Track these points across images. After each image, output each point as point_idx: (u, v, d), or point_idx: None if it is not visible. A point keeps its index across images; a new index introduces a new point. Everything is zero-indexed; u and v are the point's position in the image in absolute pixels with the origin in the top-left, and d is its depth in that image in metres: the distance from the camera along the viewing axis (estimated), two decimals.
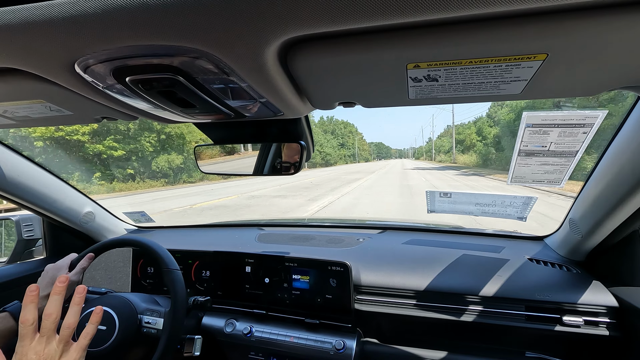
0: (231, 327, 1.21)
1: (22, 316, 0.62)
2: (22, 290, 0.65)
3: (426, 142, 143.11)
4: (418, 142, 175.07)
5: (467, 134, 45.78)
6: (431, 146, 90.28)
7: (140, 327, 0.93)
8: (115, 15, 0.36)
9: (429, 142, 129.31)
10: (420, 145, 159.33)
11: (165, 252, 1.01)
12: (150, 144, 21.80)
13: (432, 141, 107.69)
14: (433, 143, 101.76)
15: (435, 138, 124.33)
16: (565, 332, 0.96)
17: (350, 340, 1.09)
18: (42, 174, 1.26)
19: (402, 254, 1.27)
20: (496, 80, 0.51)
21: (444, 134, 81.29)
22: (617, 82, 0.53)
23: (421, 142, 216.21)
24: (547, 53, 0.43)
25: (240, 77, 0.50)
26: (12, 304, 0.84)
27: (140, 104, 0.63)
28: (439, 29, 0.42)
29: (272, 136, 0.88)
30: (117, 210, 1.74)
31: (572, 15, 0.38)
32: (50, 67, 0.49)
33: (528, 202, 1.10)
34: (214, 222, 1.95)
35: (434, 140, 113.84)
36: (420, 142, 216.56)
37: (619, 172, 0.79)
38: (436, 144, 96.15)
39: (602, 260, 1.06)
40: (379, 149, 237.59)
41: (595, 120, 0.70)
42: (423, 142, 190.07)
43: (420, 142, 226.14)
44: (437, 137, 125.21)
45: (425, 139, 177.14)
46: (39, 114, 0.74)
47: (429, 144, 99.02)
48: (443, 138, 79.30)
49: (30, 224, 1.47)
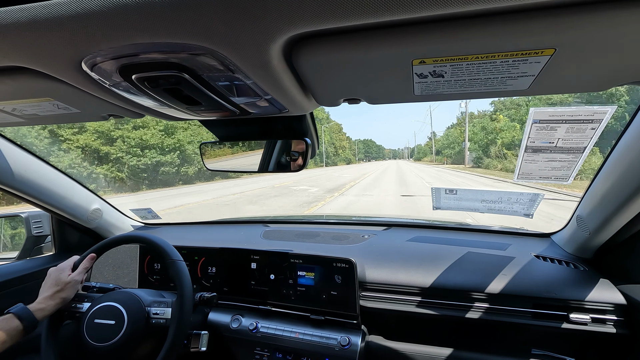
0: (237, 322, 1.22)
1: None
2: (31, 286, 0.66)
3: (427, 139, 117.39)
4: (418, 139, 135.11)
5: (493, 125, 28.17)
6: (442, 142, 59.48)
7: (149, 319, 0.94)
8: (121, 13, 0.36)
9: (430, 138, 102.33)
10: (427, 141, 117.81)
11: (167, 245, 1.02)
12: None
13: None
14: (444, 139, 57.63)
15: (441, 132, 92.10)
16: (572, 330, 0.96)
17: (355, 337, 1.10)
18: (51, 171, 1.27)
19: (407, 251, 1.27)
20: (503, 76, 0.51)
21: (456, 125, 50.87)
22: (627, 77, 0.53)
23: (421, 139, 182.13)
24: (555, 48, 0.43)
25: (245, 74, 0.50)
26: (16, 306, 0.86)
27: (146, 102, 0.63)
28: (445, 24, 0.41)
29: (277, 133, 0.89)
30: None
31: (581, 9, 0.38)
32: (58, 65, 0.49)
33: (535, 198, 1.09)
34: (219, 219, 1.96)
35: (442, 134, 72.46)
36: (421, 138, 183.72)
37: (628, 168, 0.78)
38: (442, 141, 67.12)
39: (610, 257, 1.05)
40: (368, 147, 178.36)
41: (604, 115, 0.69)
42: (425, 137, 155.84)
43: (419, 139, 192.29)
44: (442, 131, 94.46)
45: (426, 134, 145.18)
46: (47, 112, 0.75)
47: (442, 139, 64.61)
48: (452, 129, 53.26)
49: (39, 221, 1.49)
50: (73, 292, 0.98)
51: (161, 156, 20.54)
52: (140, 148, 19.82)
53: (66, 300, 0.96)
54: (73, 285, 0.97)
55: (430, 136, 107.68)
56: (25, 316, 0.84)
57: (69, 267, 1.00)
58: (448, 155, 47.55)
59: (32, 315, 0.85)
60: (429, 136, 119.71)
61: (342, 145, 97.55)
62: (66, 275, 0.97)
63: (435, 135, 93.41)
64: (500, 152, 25.32)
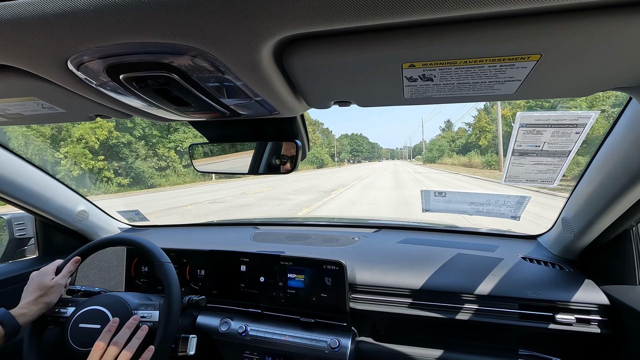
0: (226, 326, 1.21)
1: (98, 340, 0.82)
2: (13, 291, 0.65)
3: (440, 132, 78.20)
4: (426, 132, 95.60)
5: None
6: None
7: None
8: (109, 12, 0.35)
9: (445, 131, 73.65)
10: (439, 135, 76.76)
11: (155, 247, 1.01)
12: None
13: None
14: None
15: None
16: (558, 330, 0.98)
17: (345, 339, 1.10)
18: (35, 172, 1.24)
19: (397, 253, 1.28)
20: (490, 80, 0.52)
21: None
22: (609, 83, 0.54)
23: (431, 130, 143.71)
24: (541, 54, 0.44)
25: (235, 75, 0.50)
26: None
27: (135, 102, 0.63)
28: (434, 28, 0.42)
29: (268, 135, 0.88)
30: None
31: (565, 17, 0.39)
32: (43, 64, 0.48)
33: (522, 201, 1.11)
34: (208, 221, 1.94)
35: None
36: (431, 130, 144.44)
37: (611, 172, 0.80)
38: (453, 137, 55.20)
39: (594, 258, 1.08)
40: (357, 144, 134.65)
41: (588, 120, 0.70)
42: (435, 129, 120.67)
43: (428, 131, 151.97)
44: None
45: (438, 124, 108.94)
46: (32, 112, 0.74)
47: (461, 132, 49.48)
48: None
49: (22, 223, 1.45)
50: (57, 297, 0.95)
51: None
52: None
53: (50, 304, 0.93)
54: (57, 290, 0.95)
55: (443, 128, 75.76)
56: (7, 321, 0.81)
57: (52, 271, 0.97)
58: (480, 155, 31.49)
59: (15, 320, 0.83)
60: (442, 127, 79.99)
61: (316, 142, 70.91)
62: (49, 279, 0.94)
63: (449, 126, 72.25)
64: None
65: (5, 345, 0.81)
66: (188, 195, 13.80)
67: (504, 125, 24.90)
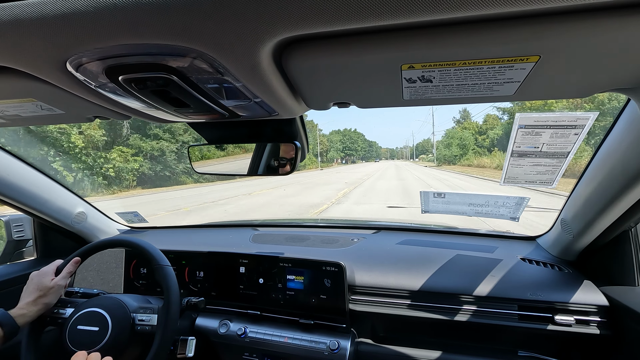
0: (225, 327, 1.20)
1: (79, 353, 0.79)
2: (12, 292, 0.64)
3: (455, 125, 60.87)
4: (434, 128, 69.95)
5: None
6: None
7: (134, 325, 0.92)
8: (108, 13, 0.35)
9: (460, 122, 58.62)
10: (457, 125, 58.67)
11: (154, 249, 1.01)
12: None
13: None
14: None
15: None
16: (557, 331, 0.98)
17: (345, 341, 1.09)
18: (33, 174, 1.24)
19: (396, 254, 1.28)
20: (489, 82, 0.52)
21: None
22: (607, 85, 0.54)
23: (443, 122, 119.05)
24: (540, 55, 0.44)
25: (234, 76, 0.50)
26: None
27: (134, 103, 0.62)
28: (433, 30, 0.42)
29: (267, 136, 0.88)
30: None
31: (564, 18, 0.39)
32: (41, 65, 0.48)
33: (521, 202, 1.11)
34: (207, 223, 1.93)
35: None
36: (443, 122, 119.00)
37: (609, 173, 0.80)
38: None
39: (593, 259, 1.08)
40: (350, 141, 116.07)
41: (587, 121, 0.70)
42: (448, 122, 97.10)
43: (441, 123, 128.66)
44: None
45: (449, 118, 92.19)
46: (30, 113, 0.73)
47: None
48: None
49: (20, 225, 1.44)
50: (56, 298, 0.95)
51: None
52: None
53: (49, 305, 0.93)
54: (56, 291, 0.94)
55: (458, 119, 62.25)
56: (6, 322, 0.81)
57: (52, 272, 0.97)
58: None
59: (13, 321, 0.83)
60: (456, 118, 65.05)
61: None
62: (49, 280, 0.94)
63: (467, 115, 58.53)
64: None
65: (3, 346, 0.81)
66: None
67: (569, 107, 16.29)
